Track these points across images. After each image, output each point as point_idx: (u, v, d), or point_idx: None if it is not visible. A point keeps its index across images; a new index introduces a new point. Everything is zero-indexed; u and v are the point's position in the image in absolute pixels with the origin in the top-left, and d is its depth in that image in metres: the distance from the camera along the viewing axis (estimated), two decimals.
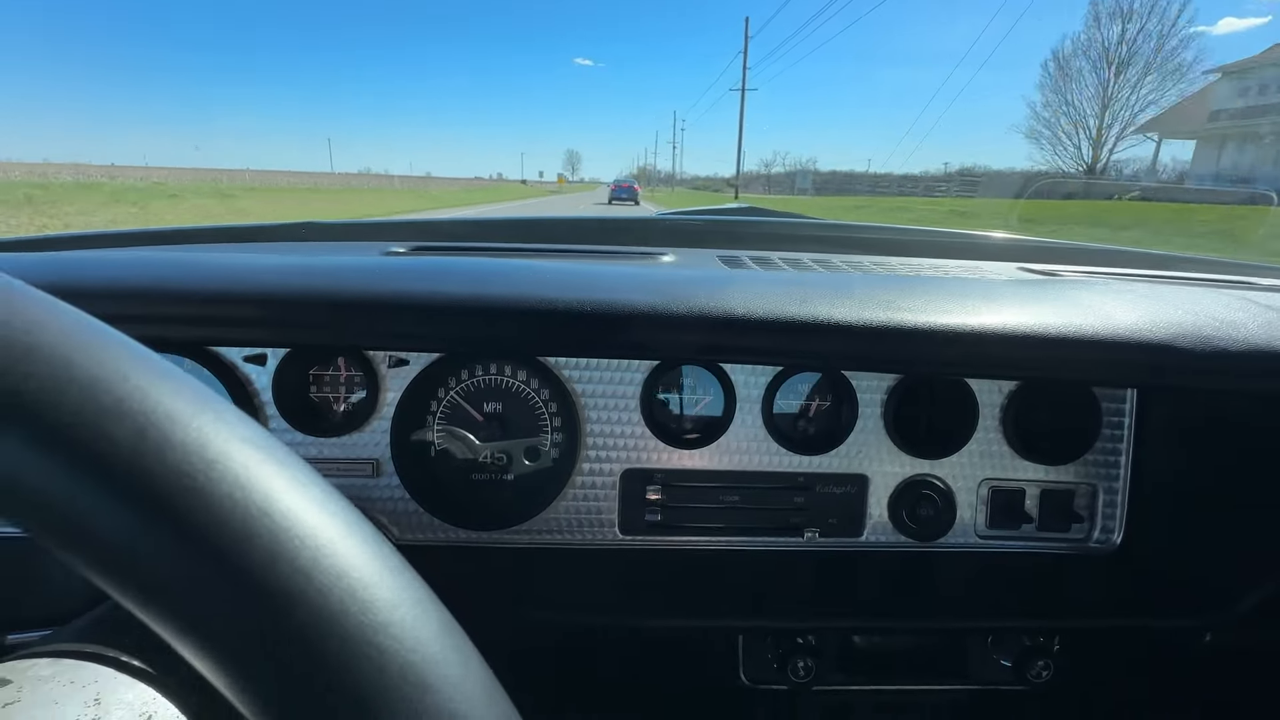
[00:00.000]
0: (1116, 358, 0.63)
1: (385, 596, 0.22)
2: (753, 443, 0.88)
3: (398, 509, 0.85)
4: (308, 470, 0.25)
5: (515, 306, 0.61)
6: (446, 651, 0.23)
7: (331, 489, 0.25)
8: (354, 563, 0.23)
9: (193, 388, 0.24)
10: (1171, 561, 0.88)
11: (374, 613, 0.22)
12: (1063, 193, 15.11)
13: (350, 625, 0.21)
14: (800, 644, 0.86)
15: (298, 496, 0.23)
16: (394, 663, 0.21)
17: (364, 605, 0.22)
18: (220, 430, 0.23)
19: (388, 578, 0.23)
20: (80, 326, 0.23)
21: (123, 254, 0.83)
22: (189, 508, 0.21)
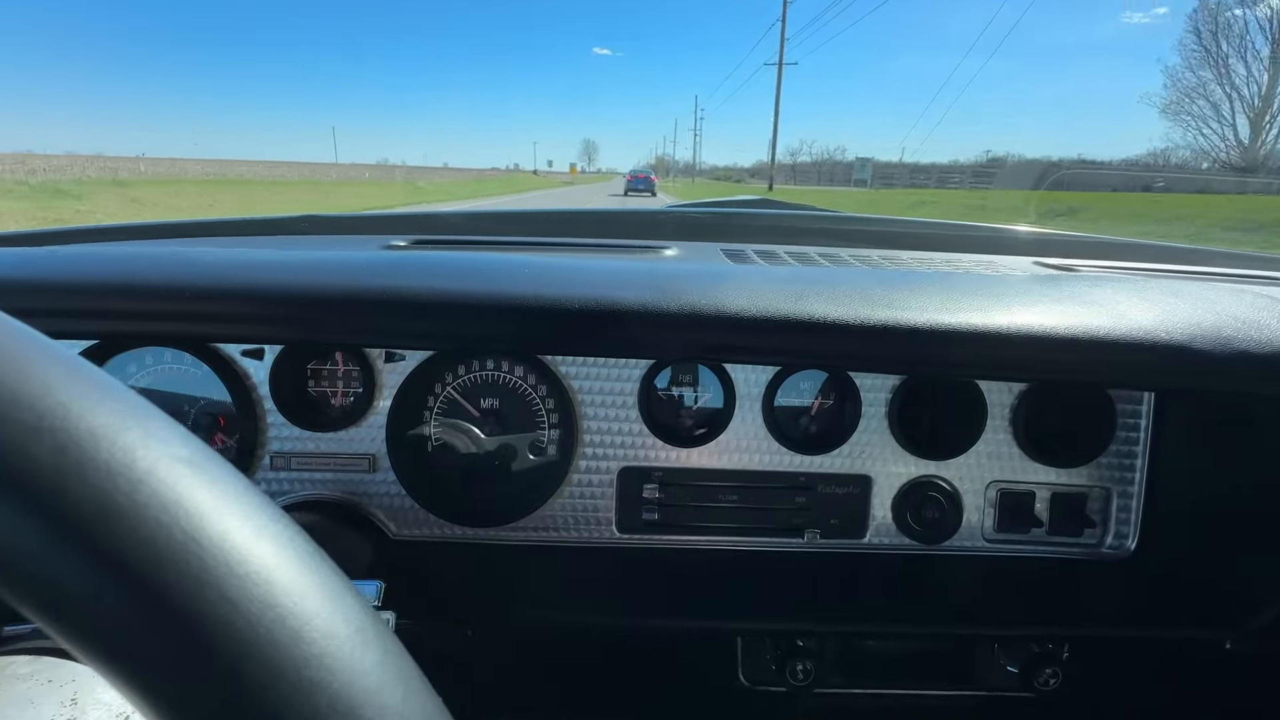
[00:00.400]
0: (1132, 360, 0.60)
1: (319, 626, 0.21)
2: (753, 441, 0.86)
3: (394, 505, 0.85)
4: (245, 489, 0.23)
5: (504, 305, 0.60)
6: (385, 683, 0.22)
7: (271, 509, 0.24)
8: (286, 590, 0.21)
9: (121, 399, 0.23)
10: (1188, 569, 0.85)
11: (305, 644, 0.21)
12: (1083, 184, 14.57)
13: (278, 657, 0.20)
14: (800, 646, 0.84)
15: (231, 519, 0.22)
16: (324, 695, 0.20)
17: (294, 636, 0.21)
18: (149, 447, 0.22)
19: (324, 605, 0.22)
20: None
21: (118, 249, 0.83)
22: (109, 532, 0.20)
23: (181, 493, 0.21)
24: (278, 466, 0.84)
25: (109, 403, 0.22)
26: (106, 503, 0.20)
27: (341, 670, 0.21)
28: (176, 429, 0.25)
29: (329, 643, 0.21)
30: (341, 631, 0.22)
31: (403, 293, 0.60)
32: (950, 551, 0.88)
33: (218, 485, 0.23)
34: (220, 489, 0.23)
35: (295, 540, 0.24)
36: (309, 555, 0.24)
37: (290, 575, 0.22)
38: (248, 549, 0.21)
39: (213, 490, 0.22)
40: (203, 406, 0.85)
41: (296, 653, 0.20)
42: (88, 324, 0.71)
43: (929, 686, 0.90)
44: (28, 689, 0.44)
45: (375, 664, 0.22)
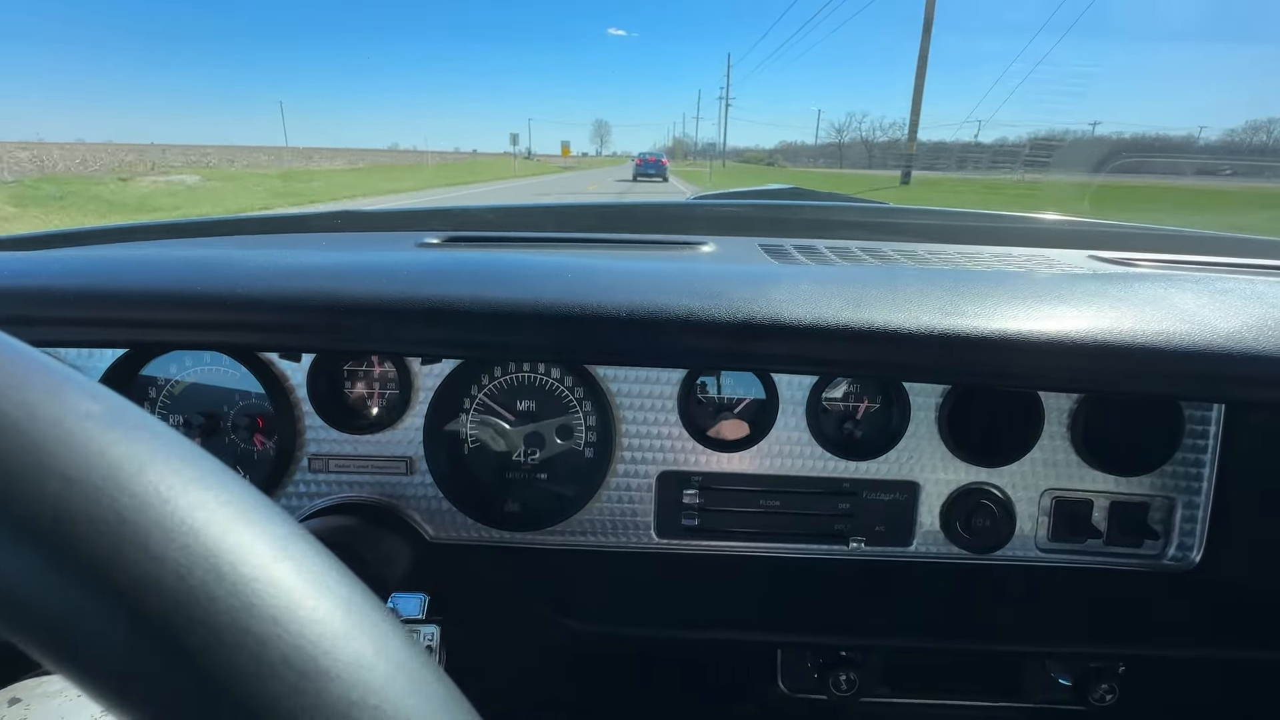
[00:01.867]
0: (1213, 372, 0.56)
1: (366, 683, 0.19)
2: (796, 446, 0.84)
3: (431, 508, 0.84)
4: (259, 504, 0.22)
5: (546, 313, 0.58)
6: (351, 631, 0.20)
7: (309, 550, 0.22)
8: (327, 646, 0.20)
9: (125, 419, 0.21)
10: (1257, 584, 0.81)
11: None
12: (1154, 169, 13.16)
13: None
14: (843, 656, 0.82)
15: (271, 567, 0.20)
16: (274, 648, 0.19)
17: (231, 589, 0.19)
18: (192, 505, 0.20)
19: (369, 655, 0.20)
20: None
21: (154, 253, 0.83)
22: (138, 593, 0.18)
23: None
24: (316, 469, 0.84)
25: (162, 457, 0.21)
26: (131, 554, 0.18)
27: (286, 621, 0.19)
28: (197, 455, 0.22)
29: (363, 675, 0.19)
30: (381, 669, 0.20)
31: (443, 301, 0.59)
32: (1002, 561, 0.85)
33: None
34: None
35: (336, 580, 0.22)
36: (348, 594, 0.22)
37: (334, 625, 0.20)
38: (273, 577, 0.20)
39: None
40: (241, 407, 0.85)
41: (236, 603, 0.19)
42: (127, 334, 0.71)
43: (976, 698, 0.87)
44: (57, 705, 0.45)
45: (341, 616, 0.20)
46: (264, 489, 0.83)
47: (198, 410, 0.84)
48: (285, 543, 0.21)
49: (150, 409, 0.85)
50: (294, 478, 0.84)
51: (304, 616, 0.19)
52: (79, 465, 0.19)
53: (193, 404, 0.85)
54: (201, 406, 0.85)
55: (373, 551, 0.75)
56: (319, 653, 0.19)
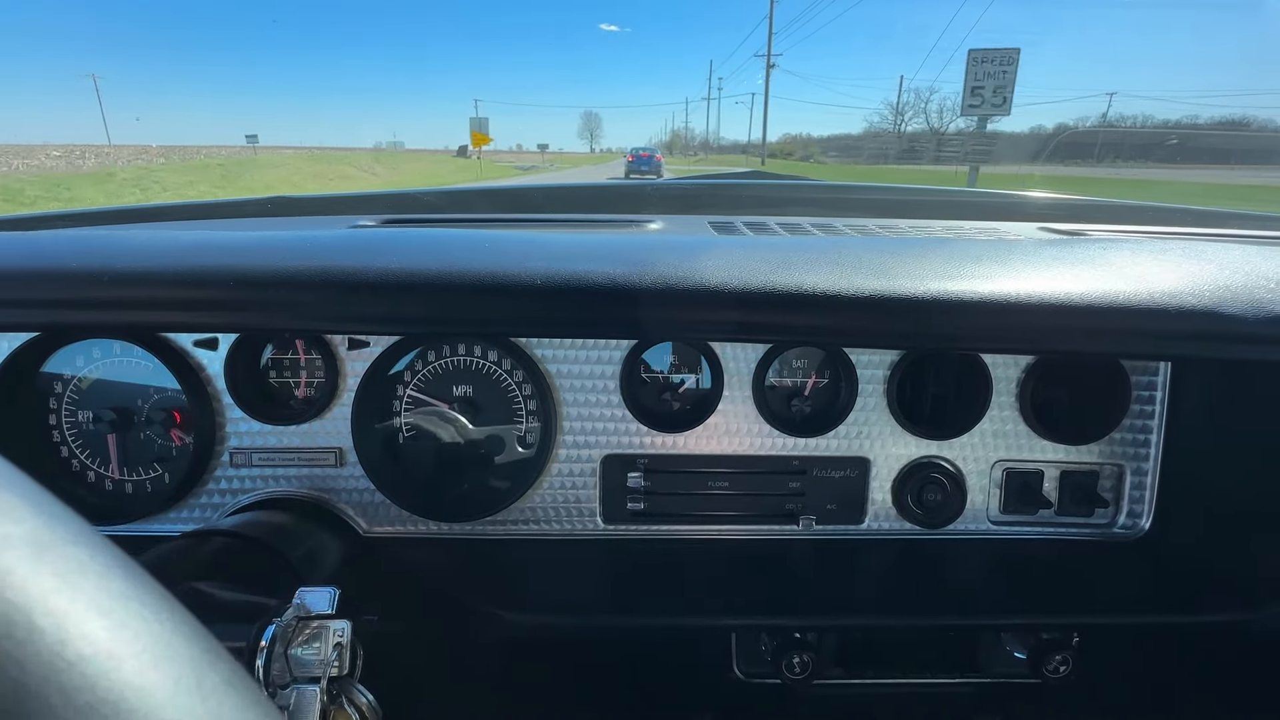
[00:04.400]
0: (1155, 327, 0.54)
1: None
2: (743, 424, 0.81)
3: (363, 500, 0.80)
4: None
5: (459, 283, 0.54)
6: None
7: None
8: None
9: None
10: (1206, 550, 0.80)
11: None
12: (1092, 148, 13.85)
13: None
14: (797, 638, 0.80)
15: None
16: None
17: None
18: None
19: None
20: None
21: (61, 234, 0.77)
22: None
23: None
24: (238, 463, 0.79)
25: None
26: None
27: None
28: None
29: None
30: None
31: (344, 272, 0.55)
32: (954, 536, 0.84)
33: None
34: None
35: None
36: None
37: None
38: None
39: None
40: (156, 401, 0.80)
41: None
42: (23, 315, 0.65)
43: (931, 675, 0.86)
44: None
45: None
46: (183, 486, 0.78)
47: (108, 405, 0.79)
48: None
49: (57, 405, 0.80)
50: (214, 473, 0.79)
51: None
52: None
53: (103, 399, 0.79)
54: (112, 401, 0.79)
55: (297, 549, 0.71)
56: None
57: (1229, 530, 0.79)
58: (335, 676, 0.52)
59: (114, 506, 0.79)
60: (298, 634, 0.52)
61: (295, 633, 0.52)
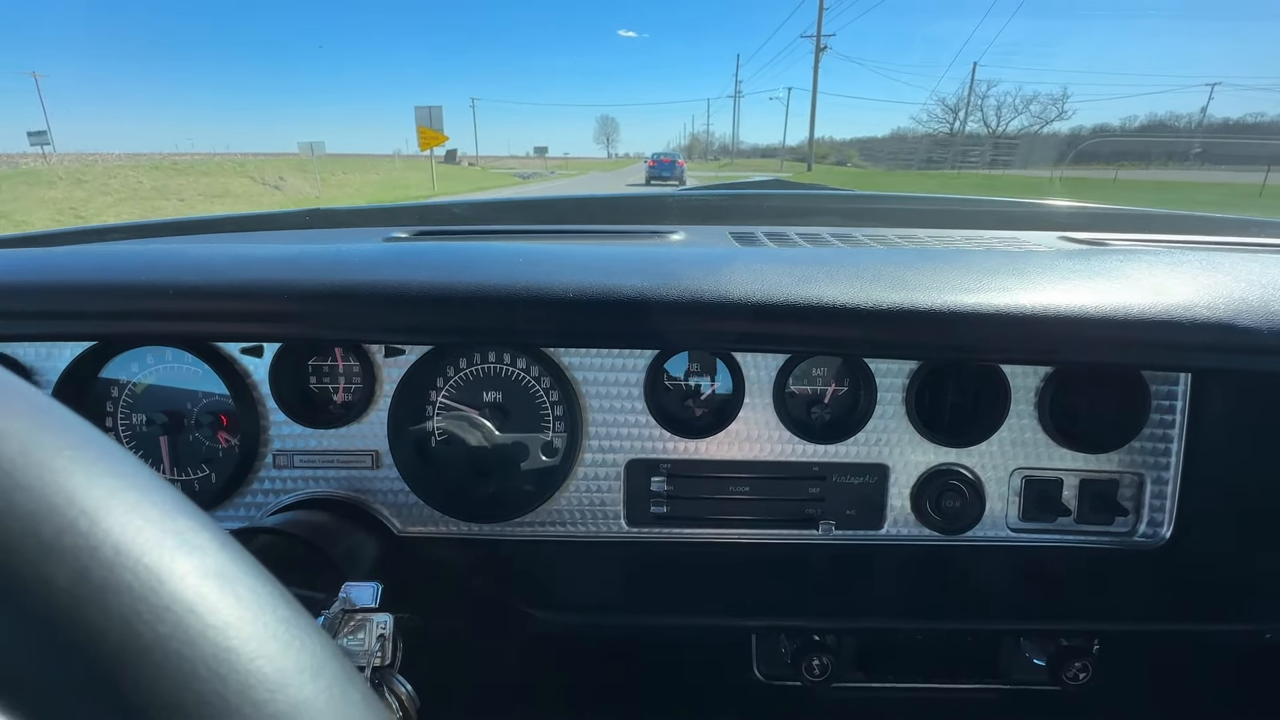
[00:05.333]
0: (1171, 340, 0.56)
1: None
2: (764, 430, 0.83)
3: (398, 501, 0.84)
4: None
5: (494, 296, 0.57)
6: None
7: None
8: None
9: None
10: (1227, 559, 0.81)
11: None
12: (1112, 152, 13.67)
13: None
14: (816, 641, 0.82)
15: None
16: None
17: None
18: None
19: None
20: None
21: (117, 248, 0.82)
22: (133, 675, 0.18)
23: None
24: (281, 465, 0.83)
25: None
26: (129, 638, 0.18)
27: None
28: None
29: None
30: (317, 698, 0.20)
31: (387, 286, 0.58)
32: (973, 542, 0.85)
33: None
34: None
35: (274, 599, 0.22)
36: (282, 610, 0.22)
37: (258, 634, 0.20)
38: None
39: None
40: (205, 405, 0.84)
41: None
42: (85, 326, 0.70)
43: (950, 680, 0.87)
44: None
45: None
46: (229, 486, 0.83)
47: (160, 409, 0.83)
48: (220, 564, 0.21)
49: (113, 409, 0.84)
50: (259, 474, 0.84)
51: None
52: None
53: (155, 403, 0.84)
54: (164, 405, 0.84)
55: (337, 546, 0.75)
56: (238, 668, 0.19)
57: (1251, 539, 0.79)
58: (378, 666, 0.55)
59: None
60: (344, 625, 0.55)
61: (342, 624, 0.55)
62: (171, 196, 15.97)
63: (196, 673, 0.18)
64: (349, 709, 0.21)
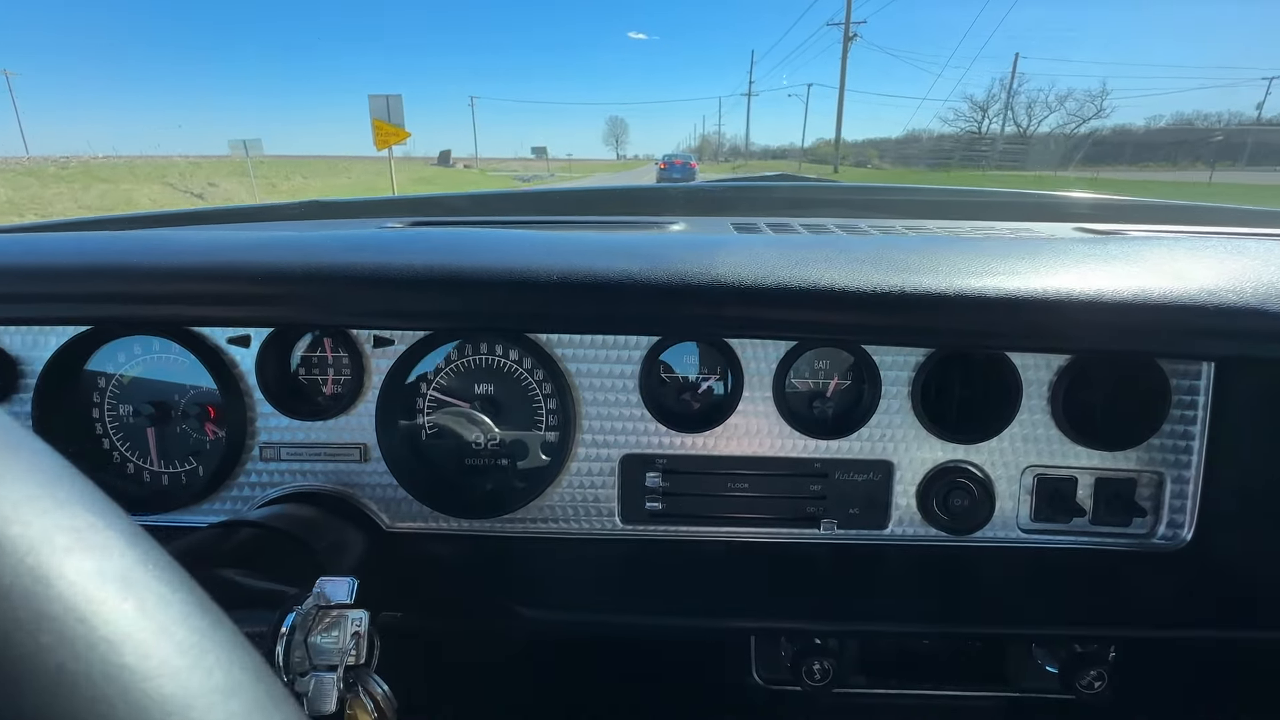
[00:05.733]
0: (1191, 324, 0.52)
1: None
2: (763, 425, 0.80)
3: (386, 495, 0.82)
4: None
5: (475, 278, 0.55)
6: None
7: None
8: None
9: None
10: (1252, 562, 0.76)
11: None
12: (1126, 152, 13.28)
13: None
14: (817, 644, 0.79)
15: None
16: None
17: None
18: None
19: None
20: None
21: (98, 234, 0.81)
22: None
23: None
24: (267, 457, 0.81)
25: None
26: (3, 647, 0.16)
27: None
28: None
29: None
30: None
31: (370, 268, 0.56)
32: (982, 543, 0.81)
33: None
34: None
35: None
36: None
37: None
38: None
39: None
40: (192, 396, 0.83)
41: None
42: (68, 309, 0.69)
43: (957, 687, 0.83)
44: None
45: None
46: (215, 479, 0.81)
47: (147, 400, 0.82)
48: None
49: (100, 399, 0.83)
50: (245, 467, 0.82)
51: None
52: None
53: (142, 394, 0.83)
54: (151, 396, 0.83)
55: (322, 541, 0.73)
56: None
57: (1274, 542, 0.75)
58: (352, 665, 0.53)
59: (152, 497, 0.82)
60: (317, 622, 0.53)
61: (315, 621, 0.53)
62: (29, 211, 12.79)
63: (80, 691, 0.16)
64: None
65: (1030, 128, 48.26)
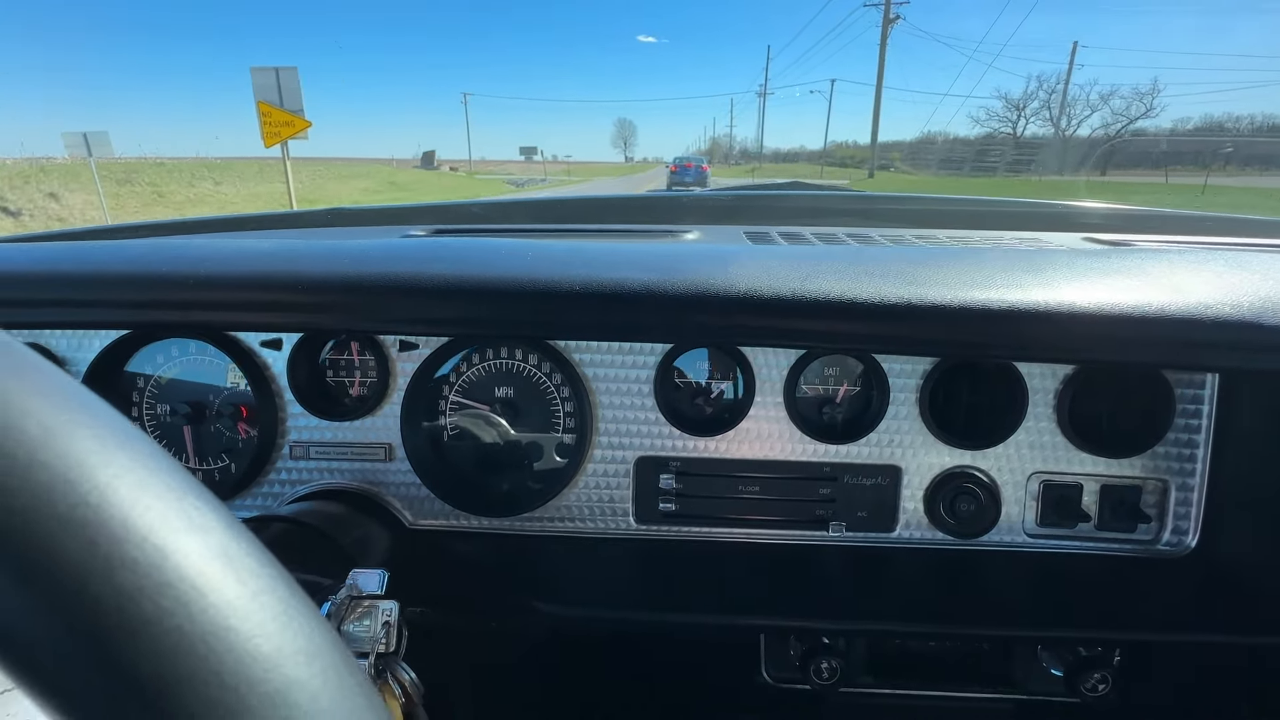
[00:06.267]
0: (1192, 337, 0.54)
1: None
2: (774, 429, 0.83)
3: (409, 494, 0.85)
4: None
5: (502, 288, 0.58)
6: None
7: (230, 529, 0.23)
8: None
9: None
10: (1255, 568, 0.78)
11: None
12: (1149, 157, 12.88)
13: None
14: (826, 644, 0.81)
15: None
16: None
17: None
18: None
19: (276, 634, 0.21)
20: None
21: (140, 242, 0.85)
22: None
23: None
24: (297, 456, 0.85)
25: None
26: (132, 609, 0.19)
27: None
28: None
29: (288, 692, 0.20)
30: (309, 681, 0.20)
31: (399, 278, 0.59)
32: (988, 547, 0.83)
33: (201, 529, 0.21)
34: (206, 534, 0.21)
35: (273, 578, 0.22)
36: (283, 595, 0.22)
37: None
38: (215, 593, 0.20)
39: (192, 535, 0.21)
40: (226, 396, 0.86)
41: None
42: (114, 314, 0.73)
43: (964, 688, 0.85)
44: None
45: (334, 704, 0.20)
46: (247, 476, 0.84)
47: (183, 400, 0.86)
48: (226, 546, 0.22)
49: (139, 399, 0.87)
50: (276, 465, 0.85)
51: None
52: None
53: (179, 394, 0.87)
54: (187, 396, 0.86)
55: (348, 537, 0.76)
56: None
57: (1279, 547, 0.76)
58: (382, 653, 0.56)
59: None
60: (350, 611, 0.56)
61: (348, 610, 0.56)
62: None
63: (194, 648, 0.19)
64: (342, 692, 0.21)
65: (1068, 129, 43.36)
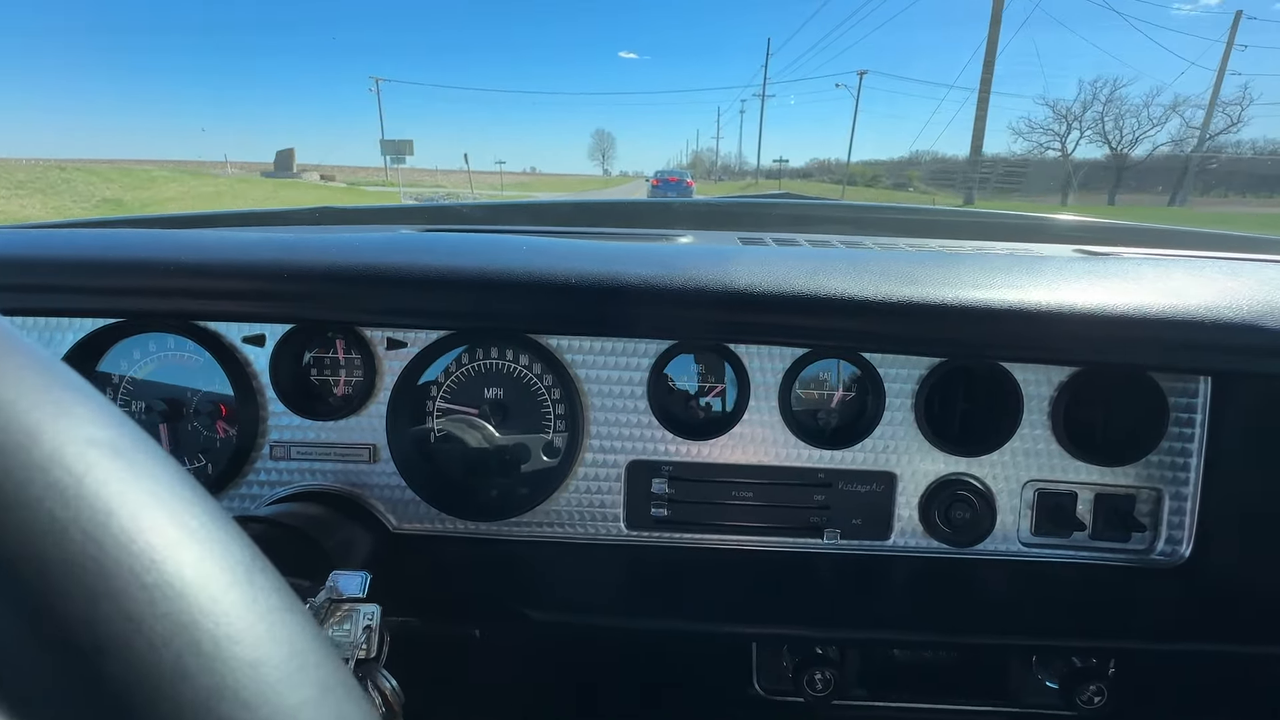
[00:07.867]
0: (1188, 339, 0.54)
1: (241, 653, 0.18)
2: (768, 434, 0.82)
3: (394, 497, 0.82)
4: (175, 479, 0.20)
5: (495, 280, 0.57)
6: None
7: (203, 505, 0.21)
8: (205, 608, 0.18)
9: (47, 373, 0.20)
10: (1248, 578, 0.77)
11: (219, 675, 0.18)
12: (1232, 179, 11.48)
13: (186, 689, 0.17)
14: (819, 654, 0.79)
15: (150, 517, 0.19)
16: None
17: (208, 663, 0.18)
18: (59, 427, 0.19)
19: (253, 626, 0.19)
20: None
21: (121, 230, 0.83)
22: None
23: (88, 484, 0.18)
24: (278, 456, 0.82)
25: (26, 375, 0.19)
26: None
27: (265, 707, 0.17)
28: (103, 408, 0.21)
29: (252, 673, 0.18)
30: (272, 659, 0.18)
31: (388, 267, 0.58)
32: (983, 556, 0.82)
33: (140, 475, 0.19)
34: (142, 480, 0.19)
35: (227, 544, 0.20)
36: (243, 564, 0.20)
37: (214, 590, 0.18)
38: (164, 555, 0.18)
39: (131, 482, 0.19)
40: (205, 394, 0.84)
41: (209, 684, 0.17)
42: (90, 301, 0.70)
43: (958, 701, 0.84)
44: None
45: (310, 700, 0.18)
46: (224, 476, 0.82)
47: (160, 397, 0.83)
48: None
49: (113, 395, 0.84)
50: (255, 465, 0.83)
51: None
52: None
53: (155, 391, 0.84)
54: (164, 393, 0.83)
55: (329, 540, 0.73)
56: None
57: (1272, 557, 0.76)
58: (362, 659, 0.53)
59: None
60: (330, 615, 0.53)
61: (327, 613, 0.53)
62: None
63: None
64: (324, 689, 0.20)
65: (1121, 146, 34.91)
